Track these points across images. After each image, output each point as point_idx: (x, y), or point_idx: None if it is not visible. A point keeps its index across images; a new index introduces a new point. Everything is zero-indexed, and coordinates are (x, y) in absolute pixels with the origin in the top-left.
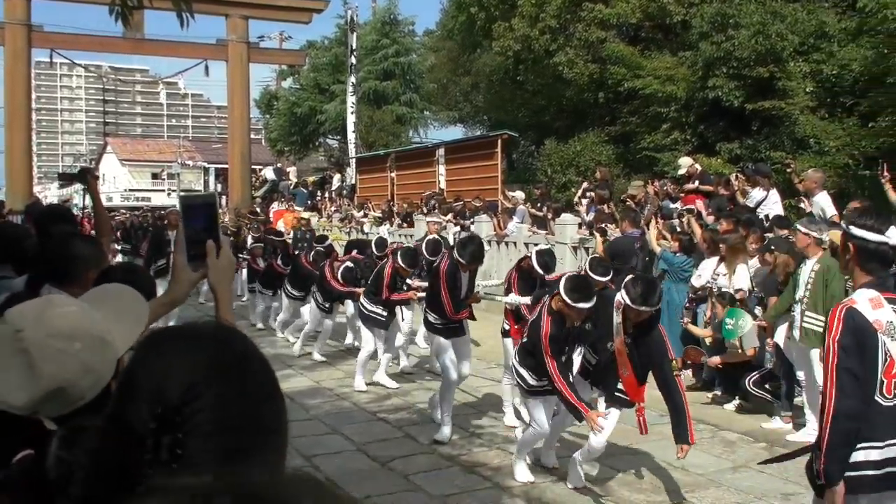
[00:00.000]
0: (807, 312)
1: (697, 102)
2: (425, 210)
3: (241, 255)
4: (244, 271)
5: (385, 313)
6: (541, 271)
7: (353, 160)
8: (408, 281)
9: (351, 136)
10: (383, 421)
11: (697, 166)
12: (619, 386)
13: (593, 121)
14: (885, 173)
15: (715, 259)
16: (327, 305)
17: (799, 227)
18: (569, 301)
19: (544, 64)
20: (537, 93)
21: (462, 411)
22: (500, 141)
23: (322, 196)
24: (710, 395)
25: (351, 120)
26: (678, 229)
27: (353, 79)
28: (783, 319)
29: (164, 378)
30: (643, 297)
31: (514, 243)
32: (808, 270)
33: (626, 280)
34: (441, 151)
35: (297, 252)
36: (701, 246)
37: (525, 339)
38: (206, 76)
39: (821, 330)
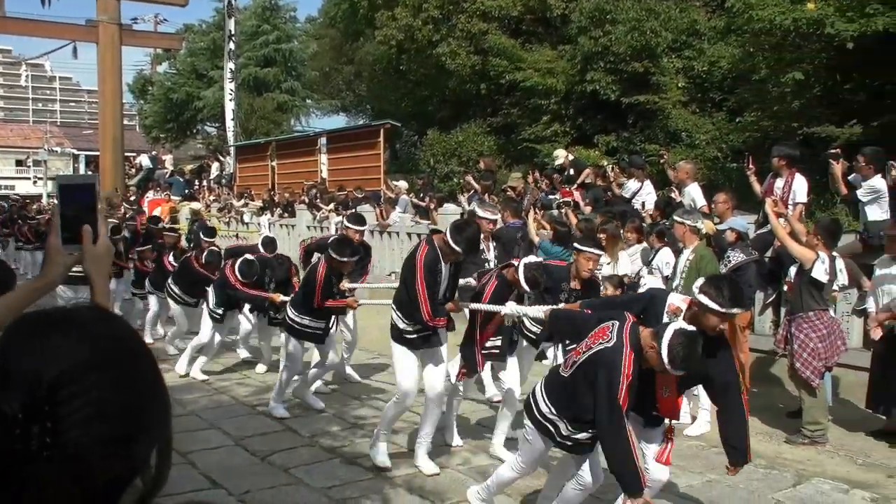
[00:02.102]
0: None
1: (576, 95)
2: (306, 200)
3: (130, 256)
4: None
5: (321, 326)
6: (527, 288)
7: (233, 148)
8: (344, 284)
9: (230, 124)
10: (263, 414)
11: (570, 157)
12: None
13: (475, 112)
14: (751, 166)
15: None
16: (220, 312)
17: (675, 217)
18: (668, 362)
19: (427, 54)
20: (420, 83)
21: (343, 402)
22: (382, 130)
23: (200, 185)
24: None
25: (230, 107)
26: (558, 219)
27: (231, 65)
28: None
29: (39, 362)
30: (733, 298)
31: (398, 233)
32: (684, 259)
33: (703, 281)
34: (323, 140)
35: (190, 247)
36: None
37: (574, 370)
38: (75, 58)
39: None
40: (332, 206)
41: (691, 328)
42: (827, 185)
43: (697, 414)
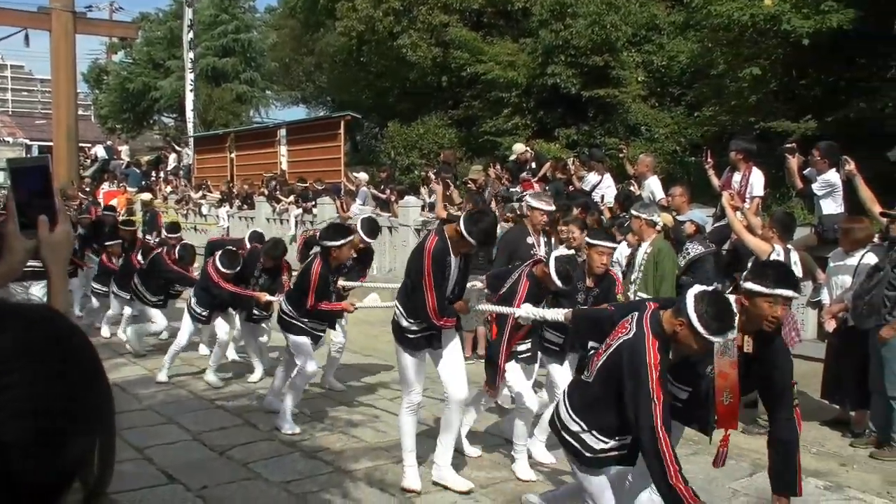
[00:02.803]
0: (638, 293)
1: (537, 88)
2: (266, 192)
3: (88, 254)
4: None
5: (323, 327)
6: (559, 283)
7: (191, 139)
8: (341, 282)
9: (189, 115)
10: (221, 409)
11: (530, 152)
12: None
13: (437, 104)
14: (709, 160)
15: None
16: (205, 315)
17: (633, 211)
18: (703, 329)
19: (388, 46)
20: (381, 75)
21: (303, 396)
22: (342, 122)
23: (157, 176)
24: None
25: (189, 97)
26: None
27: (190, 55)
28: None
29: None
30: (778, 278)
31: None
32: (641, 253)
33: (746, 272)
34: (283, 132)
35: (147, 239)
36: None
37: (596, 373)
38: (27, 46)
39: None
40: (291, 198)
41: (711, 287)
42: (783, 179)
43: None
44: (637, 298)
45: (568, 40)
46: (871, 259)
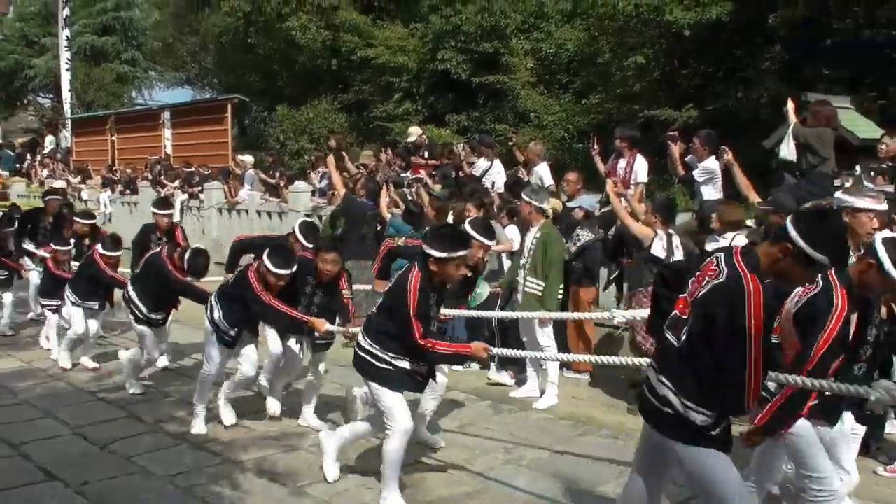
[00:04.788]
0: (528, 277)
1: (428, 74)
2: (150, 176)
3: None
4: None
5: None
6: None
7: (69, 121)
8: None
9: (67, 95)
10: (103, 401)
11: (425, 137)
12: None
13: (326, 88)
14: (595, 146)
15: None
16: (232, 334)
17: (524, 196)
18: None
19: (276, 27)
20: (269, 57)
21: (188, 384)
22: (230, 105)
23: (32, 160)
24: None
25: (66, 77)
26: (409, 197)
27: (67, 32)
28: None
29: None
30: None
31: (247, 211)
32: (531, 237)
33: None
34: (167, 115)
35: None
36: (429, 213)
37: None
38: None
39: (539, 293)
40: (177, 182)
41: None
42: (666, 166)
43: (546, 388)
44: (527, 284)
45: (458, 26)
46: (742, 242)
